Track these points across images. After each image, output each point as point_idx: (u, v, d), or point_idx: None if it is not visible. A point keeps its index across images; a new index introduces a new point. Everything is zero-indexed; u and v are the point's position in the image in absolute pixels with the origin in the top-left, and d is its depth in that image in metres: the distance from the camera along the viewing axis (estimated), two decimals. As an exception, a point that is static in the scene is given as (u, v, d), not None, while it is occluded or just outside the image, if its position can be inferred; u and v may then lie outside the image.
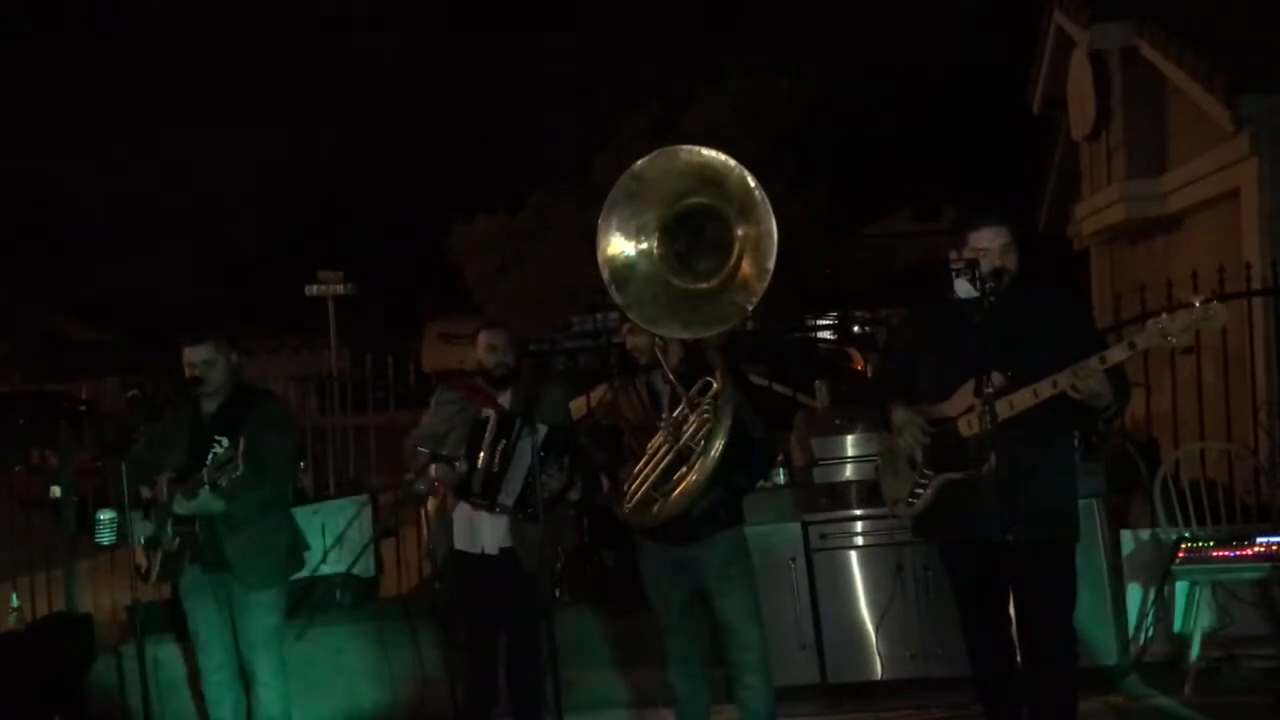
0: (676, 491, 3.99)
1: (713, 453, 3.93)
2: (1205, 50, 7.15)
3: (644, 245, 3.88)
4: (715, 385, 3.98)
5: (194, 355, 4.51)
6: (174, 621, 5.36)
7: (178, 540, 4.43)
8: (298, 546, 4.77)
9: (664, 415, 4.08)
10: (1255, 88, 6.65)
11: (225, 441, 4.31)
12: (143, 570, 4.57)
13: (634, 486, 4.11)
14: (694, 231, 3.87)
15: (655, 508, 4.05)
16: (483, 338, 4.71)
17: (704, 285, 3.84)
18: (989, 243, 3.76)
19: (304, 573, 4.99)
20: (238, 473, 4.15)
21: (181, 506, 4.36)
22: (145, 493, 4.50)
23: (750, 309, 3.77)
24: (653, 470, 4.06)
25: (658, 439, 4.07)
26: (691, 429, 3.98)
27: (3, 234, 32.68)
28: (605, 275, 3.89)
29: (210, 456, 4.27)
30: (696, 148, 3.87)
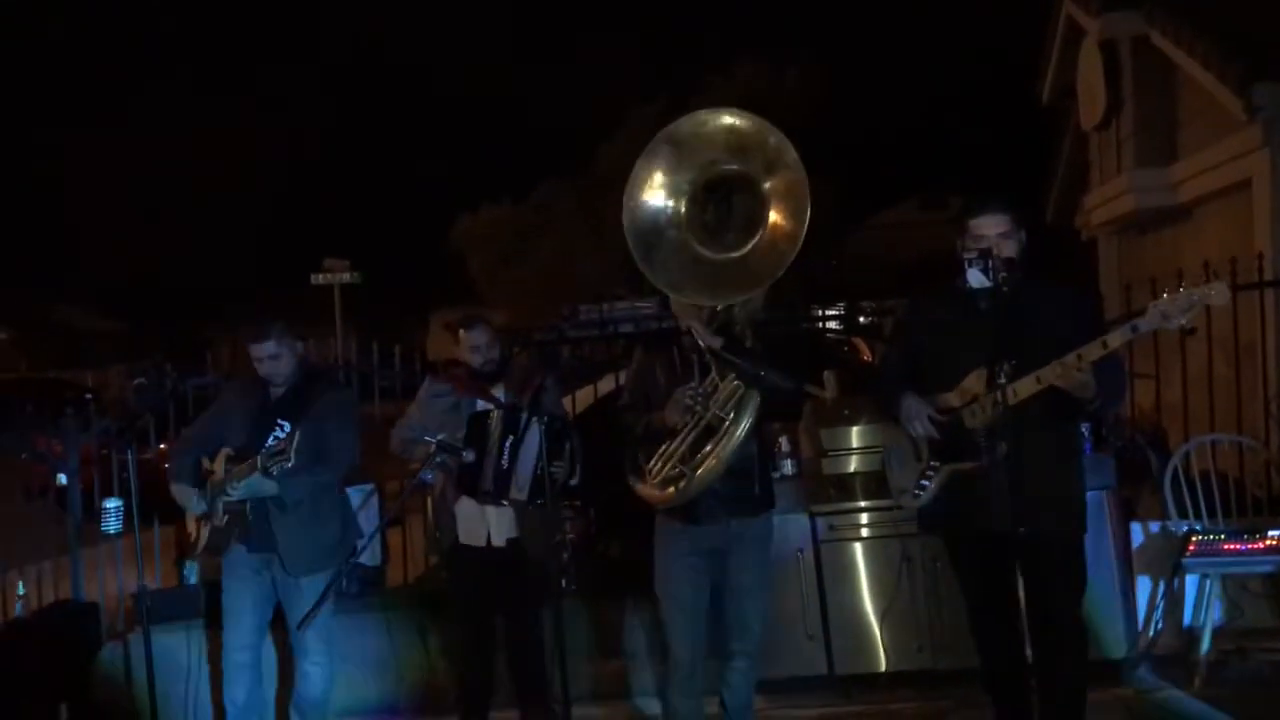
0: (703, 467, 3.88)
1: (743, 422, 3.84)
2: (1217, 39, 7.10)
3: (672, 207, 3.84)
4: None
5: (260, 351, 4.53)
6: (180, 609, 5.37)
7: (226, 517, 4.48)
8: (348, 535, 4.75)
9: (694, 384, 3.95)
10: (1269, 77, 6.60)
11: (286, 426, 4.35)
12: (191, 540, 4.63)
13: (659, 463, 3.99)
14: (722, 202, 3.83)
15: (681, 483, 3.93)
16: (464, 337, 4.68)
17: (733, 255, 3.79)
18: (987, 230, 3.74)
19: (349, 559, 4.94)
20: (289, 464, 4.17)
21: (234, 489, 4.39)
22: (205, 464, 4.56)
23: (780, 272, 3.70)
24: (681, 443, 3.95)
25: (688, 416, 3.92)
26: (722, 398, 3.88)
27: (6, 221, 32.71)
28: (631, 241, 3.84)
29: (269, 441, 4.32)
30: (722, 112, 3.86)
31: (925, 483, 3.86)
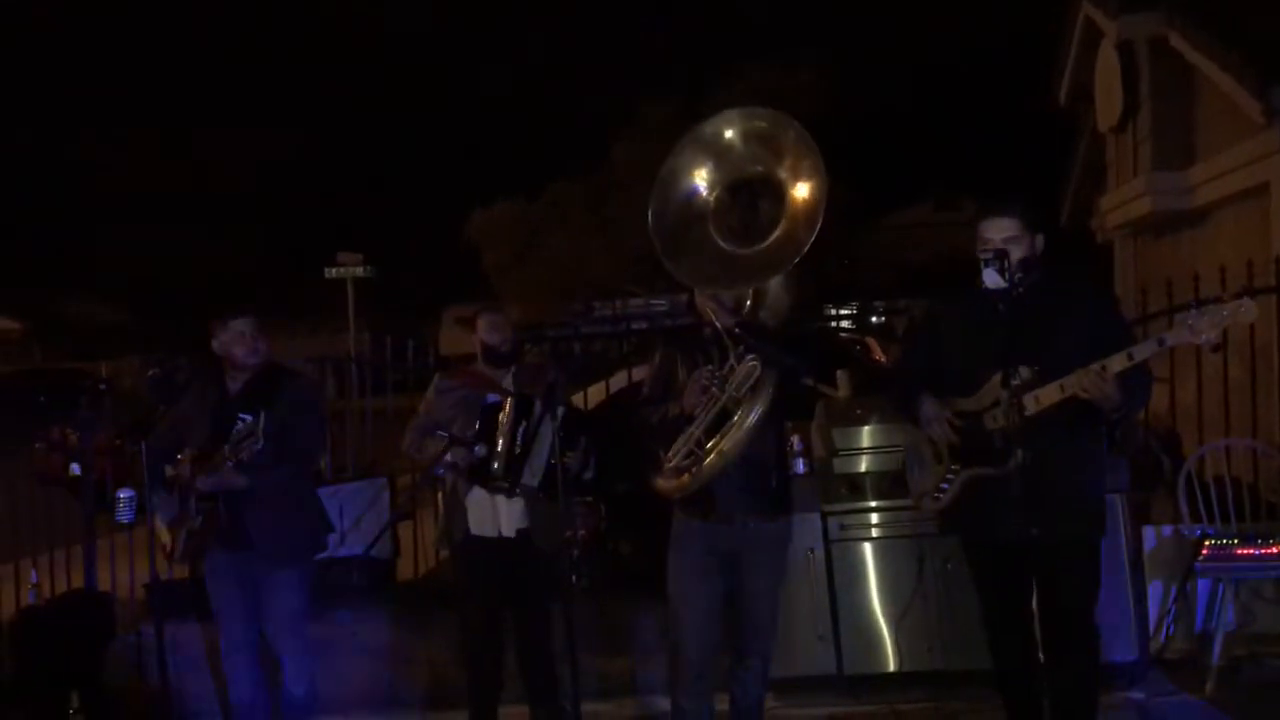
0: (716, 450, 3.88)
1: (757, 406, 3.85)
2: (1236, 41, 7.06)
3: (698, 204, 3.92)
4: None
5: (240, 325, 4.50)
6: (192, 600, 5.38)
7: (201, 518, 4.43)
8: (320, 527, 4.73)
9: (712, 367, 3.95)
10: (1288, 80, 6.56)
11: (248, 418, 4.28)
12: (168, 549, 4.58)
13: (675, 450, 3.97)
14: (747, 205, 3.89)
15: (695, 469, 3.92)
16: (483, 320, 4.74)
17: (757, 247, 3.83)
18: (993, 234, 3.73)
19: (321, 554, 4.97)
20: (258, 445, 4.14)
21: (204, 483, 4.36)
22: (169, 471, 4.51)
23: (801, 253, 3.71)
24: (697, 427, 3.93)
25: (705, 397, 3.93)
26: (738, 381, 3.88)
27: (21, 215, 32.93)
28: (656, 238, 3.89)
29: (233, 432, 4.27)
30: (743, 111, 3.94)
31: (945, 486, 3.85)
